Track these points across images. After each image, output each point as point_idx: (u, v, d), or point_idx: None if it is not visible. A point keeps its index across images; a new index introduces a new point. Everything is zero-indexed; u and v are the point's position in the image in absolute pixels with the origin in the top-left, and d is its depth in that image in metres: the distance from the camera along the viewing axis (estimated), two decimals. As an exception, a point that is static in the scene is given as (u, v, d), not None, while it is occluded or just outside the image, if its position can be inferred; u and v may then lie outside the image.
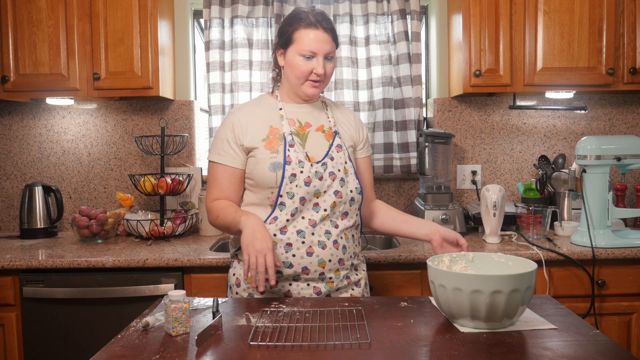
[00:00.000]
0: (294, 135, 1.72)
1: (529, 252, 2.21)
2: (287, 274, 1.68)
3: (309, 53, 1.66)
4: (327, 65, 1.69)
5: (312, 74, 1.68)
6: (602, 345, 1.24)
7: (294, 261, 1.66)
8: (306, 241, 1.66)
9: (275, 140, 1.70)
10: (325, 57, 1.68)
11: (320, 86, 1.71)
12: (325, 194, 1.68)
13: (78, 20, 2.54)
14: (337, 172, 1.71)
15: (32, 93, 2.59)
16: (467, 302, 1.29)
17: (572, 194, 2.59)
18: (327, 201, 1.68)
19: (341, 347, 1.24)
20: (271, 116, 1.74)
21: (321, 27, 1.66)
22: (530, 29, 2.51)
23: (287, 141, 1.69)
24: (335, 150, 1.73)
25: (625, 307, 2.25)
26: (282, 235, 1.66)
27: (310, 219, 1.67)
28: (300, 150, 1.69)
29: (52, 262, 2.22)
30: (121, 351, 1.24)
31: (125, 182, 2.92)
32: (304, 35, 1.66)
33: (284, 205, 1.66)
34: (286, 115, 1.75)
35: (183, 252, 2.33)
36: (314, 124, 1.76)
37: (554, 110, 2.89)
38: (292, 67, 1.69)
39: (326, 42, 1.67)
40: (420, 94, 2.83)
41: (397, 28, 2.77)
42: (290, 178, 1.65)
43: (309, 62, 1.67)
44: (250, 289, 1.73)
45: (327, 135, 1.76)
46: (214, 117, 2.84)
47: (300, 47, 1.66)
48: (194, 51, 3.00)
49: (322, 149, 1.72)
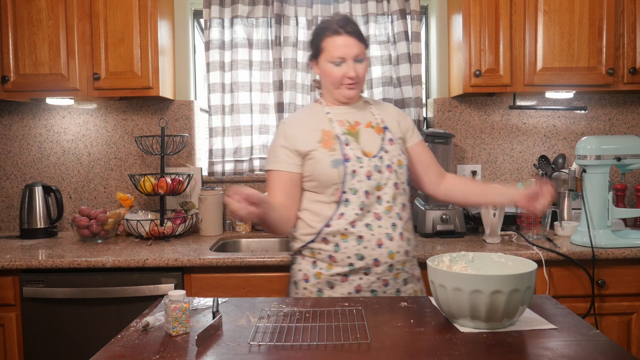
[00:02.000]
0: (347, 135, 1.77)
1: (529, 252, 2.21)
2: (358, 267, 1.72)
3: (338, 59, 1.72)
4: (358, 67, 1.74)
5: (344, 78, 1.74)
6: (602, 345, 1.24)
7: (366, 253, 1.71)
8: (375, 233, 1.72)
9: (330, 140, 1.75)
10: (354, 59, 1.73)
11: (356, 87, 1.77)
12: (386, 187, 1.75)
13: (78, 20, 2.54)
14: (393, 165, 1.77)
15: (32, 93, 2.59)
16: (467, 302, 1.29)
17: (572, 194, 2.59)
18: (388, 193, 1.74)
19: (341, 347, 1.24)
20: (320, 121, 1.80)
21: (345, 32, 1.72)
22: (530, 29, 2.51)
23: (342, 140, 1.74)
24: (388, 143, 1.79)
25: (625, 307, 2.25)
26: (353, 228, 1.71)
27: (375, 212, 1.73)
28: (356, 147, 1.75)
29: (52, 262, 2.22)
30: (121, 351, 1.24)
31: (125, 182, 2.92)
32: (330, 43, 1.73)
33: (348, 202, 1.72)
34: (335, 118, 1.80)
35: (183, 252, 2.33)
36: (362, 122, 1.81)
37: (554, 110, 2.89)
38: (325, 74, 1.77)
39: (352, 45, 1.72)
40: (420, 94, 2.83)
41: (397, 28, 2.77)
42: (352, 175, 1.71)
43: (339, 68, 1.73)
44: (320, 284, 1.75)
45: (377, 130, 1.81)
46: (214, 117, 2.84)
47: (329, 55, 1.73)
48: (194, 51, 3.00)
49: (376, 144, 1.78)
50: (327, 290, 1.75)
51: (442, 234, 2.56)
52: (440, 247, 2.37)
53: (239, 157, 2.88)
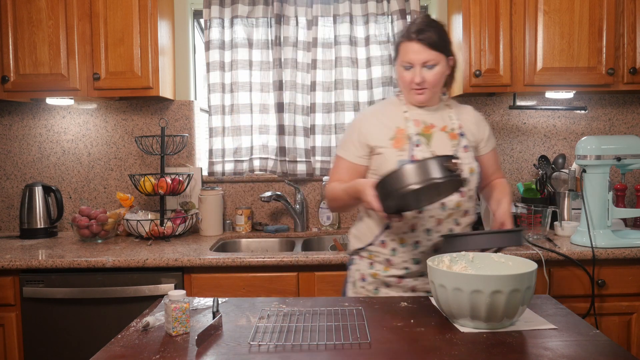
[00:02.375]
0: (420, 136, 1.77)
1: (529, 252, 2.21)
2: (414, 270, 1.76)
3: (407, 64, 1.74)
4: (425, 74, 1.74)
5: (411, 83, 1.75)
6: (602, 345, 1.24)
7: (422, 258, 1.74)
8: (432, 239, 1.74)
9: (402, 139, 1.76)
10: (423, 65, 1.73)
11: (425, 92, 1.76)
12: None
13: (78, 20, 2.54)
14: (463, 172, 1.75)
15: (32, 93, 2.59)
16: (467, 302, 1.29)
17: (572, 194, 2.59)
18: (452, 200, 1.74)
19: (341, 347, 1.24)
20: (396, 118, 1.81)
21: (414, 39, 1.72)
22: (530, 29, 2.51)
23: (413, 141, 1.75)
24: (462, 150, 1.78)
25: (625, 307, 2.25)
26: (412, 233, 1.73)
27: (438, 218, 1.74)
28: (425, 150, 1.75)
29: (52, 262, 2.22)
30: (121, 351, 1.24)
31: (125, 182, 2.92)
32: (402, 48, 1.76)
33: None
34: (411, 117, 1.80)
35: (183, 252, 2.33)
36: (438, 125, 1.81)
37: (554, 110, 2.89)
38: (398, 77, 1.81)
39: (420, 52, 1.72)
40: (420, 94, 2.83)
41: (397, 28, 2.77)
42: None
43: (408, 72, 1.75)
44: (376, 283, 1.80)
45: (452, 135, 1.80)
46: (214, 117, 2.84)
47: (400, 59, 1.77)
48: (194, 51, 3.00)
49: (448, 149, 1.78)
50: (383, 289, 1.80)
51: (442, 234, 2.55)
52: (440, 247, 2.37)
53: (239, 157, 2.88)
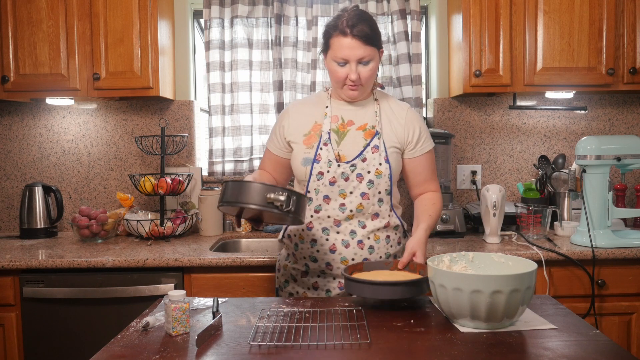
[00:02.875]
0: (333, 132, 1.76)
1: (529, 252, 2.21)
2: (312, 268, 1.80)
3: (341, 60, 1.69)
4: (361, 70, 1.69)
5: (347, 79, 1.71)
6: (602, 345, 1.24)
7: (318, 256, 1.77)
8: (330, 239, 1.75)
9: (314, 136, 1.77)
10: (359, 62, 1.68)
11: (359, 89, 1.73)
12: (352, 195, 1.74)
13: (78, 20, 2.54)
14: (367, 174, 1.73)
15: (32, 93, 2.59)
16: (467, 302, 1.29)
17: (572, 194, 2.59)
18: (353, 202, 1.74)
19: (341, 347, 1.24)
20: (318, 112, 1.81)
21: (350, 35, 1.65)
22: (530, 29, 2.51)
23: (323, 139, 1.75)
24: (371, 151, 1.74)
25: (625, 307, 2.25)
26: (308, 231, 1.77)
27: (335, 218, 1.75)
28: (332, 150, 1.74)
29: (52, 262, 2.22)
30: (121, 351, 1.24)
31: (125, 182, 2.92)
32: (336, 42, 1.68)
33: (310, 200, 1.76)
34: (331, 113, 1.79)
35: (183, 252, 2.33)
36: (357, 122, 1.78)
37: (554, 110, 2.89)
38: (330, 72, 1.75)
39: (357, 48, 1.66)
40: (420, 94, 2.83)
41: (397, 28, 2.77)
42: (318, 176, 1.74)
43: (342, 69, 1.70)
44: (286, 275, 1.86)
45: (367, 134, 1.76)
46: (214, 117, 2.84)
47: (333, 54, 1.70)
48: (194, 51, 3.00)
49: (356, 149, 1.75)
50: (291, 282, 1.85)
51: (442, 234, 2.56)
52: (440, 247, 2.37)
53: (239, 157, 2.88)
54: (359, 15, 1.69)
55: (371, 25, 1.69)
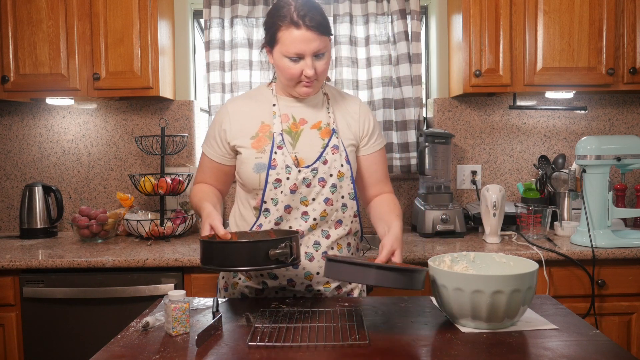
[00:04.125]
0: (285, 134, 1.59)
1: (529, 252, 2.21)
2: (272, 286, 1.62)
3: (295, 55, 1.50)
4: (317, 64, 1.53)
5: (302, 76, 1.53)
6: (602, 345, 1.24)
7: (279, 272, 1.59)
8: None
9: (264, 138, 1.58)
10: (314, 55, 1.51)
11: (314, 84, 1.56)
12: (314, 202, 1.57)
13: (78, 20, 2.53)
14: (329, 178, 1.58)
15: (32, 93, 2.59)
16: (468, 302, 1.29)
17: (572, 194, 2.59)
18: (316, 209, 1.57)
19: (341, 347, 1.24)
20: (264, 112, 1.62)
21: (304, 26, 1.47)
22: (530, 29, 2.51)
23: (276, 142, 1.56)
24: (331, 152, 1.59)
25: (625, 307, 2.25)
26: None
27: (297, 229, 1.56)
28: (288, 153, 1.56)
29: (52, 262, 2.22)
30: (121, 351, 1.24)
31: (125, 182, 2.92)
32: (287, 35, 1.49)
33: (268, 212, 1.57)
34: (280, 112, 1.61)
35: (183, 252, 2.33)
36: (310, 120, 1.62)
37: (554, 110, 2.89)
38: (280, 68, 1.55)
39: (312, 40, 1.49)
40: (420, 94, 2.83)
41: (397, 28, 2.77)
42: (275, 184, 1.55)
43: (296, 65, 1.52)
44: (235, 294, 1.67)
45: (323, 133, 1.61)
46: (214, 117, 2.83)
47: (284, 49, 1.51)
48: (194, 51, 3.00)
49: (315, 151, 1.59)
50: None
51: (442, 234, 2.56)
52: (440, 247, 2.37)
53: (239, 157, 2.87)
54: (307, 3, 1.50)
55: (321, 12, 1.52)
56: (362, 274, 1.29)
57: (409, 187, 2.93)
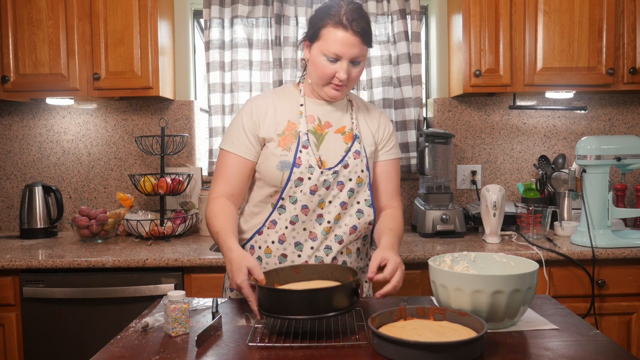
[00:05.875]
0: (311, 134, 1.59)
1: (529, 252, 2.21)
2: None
3: (333, 56, 1.51)
4: (352, 70, 1.54)
5: (334, 78, 1.54)
6: (602, 345, 1.24)
7: None
8: (302, 255, 1.58)
9: (289, 136, 1.58)
10: (351, 61, 1.52)
11: (343, 89, 1.57)
12: (330, 205, 1.58)
13: (78, 20, 2.53)
14: (348, 182, 1.58)
15: (32, 93, 2.59)
16: (468, 302, 1.29)
17: (572, 194, 2.59)
18: (331, 212, 1.58)
19: (341, 347, 1.24)
20: (291, 110, 1.62)
21: (351, 29, 1.48)
22: (530, 29, 2.51)
23: (302, 141, 1.56)
24: (353, 156, 1.60)
25: (625, 307, 2.25)
26: (280, 244, 1.58)
27: (311, 231, 1.58)
28: (313, 154, 1.56)
29: (52, 262, 2.22)
30: (121, 352, 1.24)
31: (125, 182, 2.92)
32: (331, 34, 1.49)
33: (283, 209, 1.57)
34: (306, 112, 1.61)
35: (183, 252, 2.33)
36: (334, 124, 1.63)
37: (554, 110, 2.89)
38: (315, 65, 1.55)
39: (354, 45, 1.49)
40: (420, 94, 2.83)
41: (397, 28, 2.77)
42: (297, 182, 1.55)
43: (332, 65, 1.52)
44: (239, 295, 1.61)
45: (347, 137, 1.62)
46: (214, 117, 2.83)
47: (325, 47, 1.51)
48: (194, 51, 3.00)
49: (338, 154, 1.60)
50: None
51: (442, 234, 2.56)
52: (440, 247, 2.37)
53: (239, 157, 2.87)
54: (358, 10, 1.51)
55: (369, 22, 1.54)
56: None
57: (409, 187, 2.93)
